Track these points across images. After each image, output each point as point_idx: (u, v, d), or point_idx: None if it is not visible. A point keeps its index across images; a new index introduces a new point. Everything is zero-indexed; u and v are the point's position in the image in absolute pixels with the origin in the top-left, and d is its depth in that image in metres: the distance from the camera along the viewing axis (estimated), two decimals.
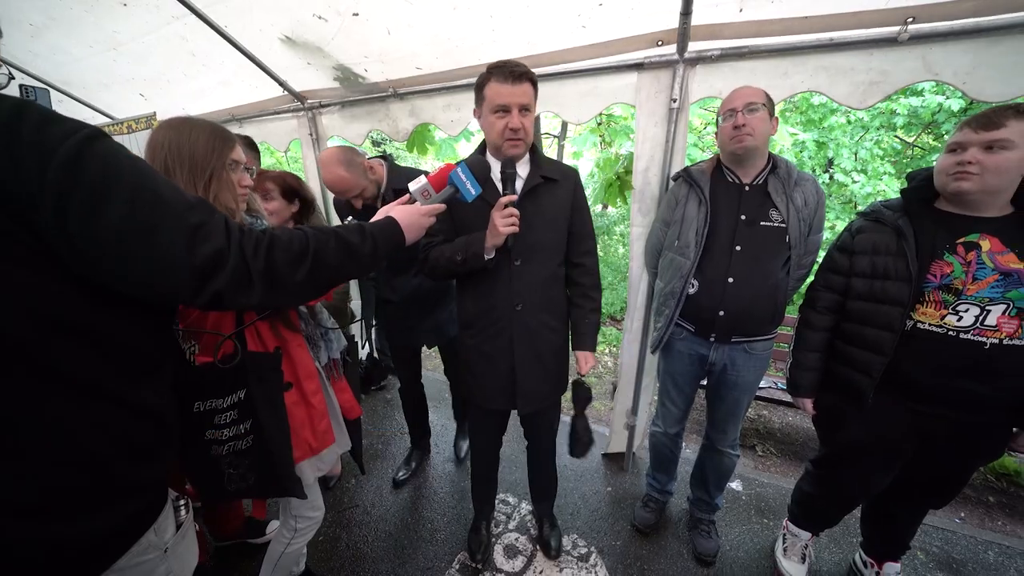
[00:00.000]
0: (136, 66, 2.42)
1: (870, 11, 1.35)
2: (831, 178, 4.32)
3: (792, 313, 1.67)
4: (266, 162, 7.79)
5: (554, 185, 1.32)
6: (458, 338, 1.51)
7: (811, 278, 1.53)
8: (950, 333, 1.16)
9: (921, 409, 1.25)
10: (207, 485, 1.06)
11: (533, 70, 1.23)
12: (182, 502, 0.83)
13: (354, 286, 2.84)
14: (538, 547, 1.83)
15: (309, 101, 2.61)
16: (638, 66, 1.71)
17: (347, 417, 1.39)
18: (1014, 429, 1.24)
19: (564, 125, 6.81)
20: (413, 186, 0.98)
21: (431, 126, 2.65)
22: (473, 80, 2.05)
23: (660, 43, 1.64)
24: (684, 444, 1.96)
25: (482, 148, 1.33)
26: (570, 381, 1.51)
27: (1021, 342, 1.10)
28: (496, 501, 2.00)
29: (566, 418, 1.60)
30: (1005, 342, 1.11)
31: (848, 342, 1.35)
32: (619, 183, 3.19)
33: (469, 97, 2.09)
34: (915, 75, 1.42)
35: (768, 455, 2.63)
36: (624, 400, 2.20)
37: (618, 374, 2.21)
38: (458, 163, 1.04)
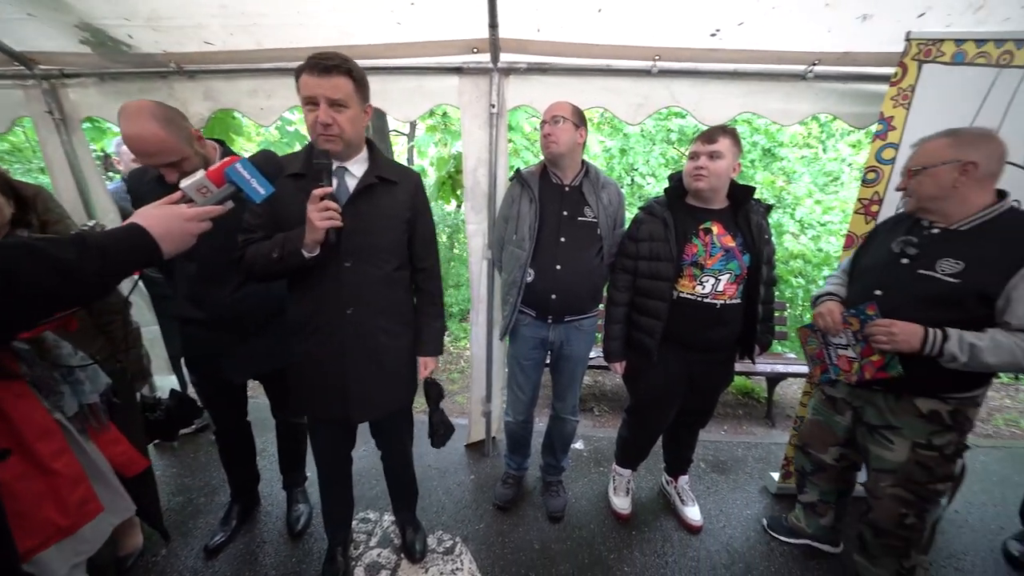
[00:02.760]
0: None
1: (631, 46, 1.70)
2: (632, 180, 5.30)
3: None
4: None
5: (392, 187, 1.29)
6: (287, 344, 1.34)
7: None
8: (698, 299, 1.55)
9: (687, 356, 1.64)
10: None
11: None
12: None
13: (145, 305, 2.27)
14: (402, 555, 1.79)
15: (42, 67, 1.96)
16: (458, 70, 1.79)
17: (125, 474, 1.10)
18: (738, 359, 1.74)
19: (413, 124, 6.60)
20: (186, 182, 0.82)
21: (235, 113, 2.27)
22: (286, 64, 1.83)
23: (475, 51, 1.74)
24: (537, 419, 2.15)
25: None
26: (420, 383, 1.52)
27: (735, 301, 1.56)
28: (355, 522, 1.88)
29: (423, 416, 1.60)
30: (728, 302, 1.55)
31: (640, 312, 1.68)
32: (451, 182, 3.29)
33: (281, 83, 1.87)
34: (666, 100, 1.84)
35: (603, 414, 3.11)
36: (478, 389, 2.31)
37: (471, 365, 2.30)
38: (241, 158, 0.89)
